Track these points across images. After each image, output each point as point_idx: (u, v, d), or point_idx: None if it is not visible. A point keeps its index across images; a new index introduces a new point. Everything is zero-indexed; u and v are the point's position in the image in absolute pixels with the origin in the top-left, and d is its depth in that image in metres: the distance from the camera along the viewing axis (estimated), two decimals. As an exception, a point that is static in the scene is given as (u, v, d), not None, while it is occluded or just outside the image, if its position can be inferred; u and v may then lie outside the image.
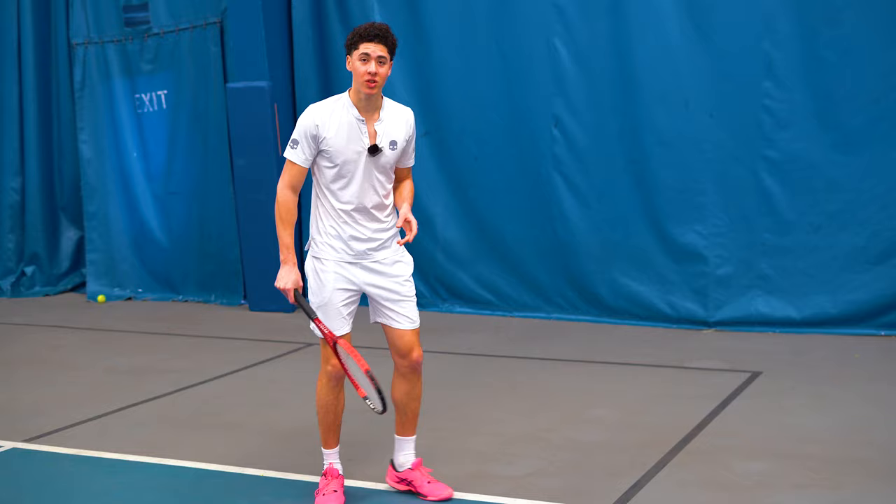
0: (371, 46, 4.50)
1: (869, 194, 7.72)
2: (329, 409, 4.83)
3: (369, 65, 4.49)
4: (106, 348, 8.48)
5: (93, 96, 10.66)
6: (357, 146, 4.59)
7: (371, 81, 4.50)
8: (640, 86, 8.26)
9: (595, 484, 4.97)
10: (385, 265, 4.71)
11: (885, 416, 5.90)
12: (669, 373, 7.03)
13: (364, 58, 4.50)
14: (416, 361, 4.79)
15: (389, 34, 4.53)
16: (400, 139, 4.66)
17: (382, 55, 4.51)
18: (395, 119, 4.67)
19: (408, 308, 4.74)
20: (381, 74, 4.51)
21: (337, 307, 4.70)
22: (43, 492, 5.18)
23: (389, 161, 4.66)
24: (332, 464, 4.89)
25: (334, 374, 4.75)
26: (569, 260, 8.69)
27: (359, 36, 4.52)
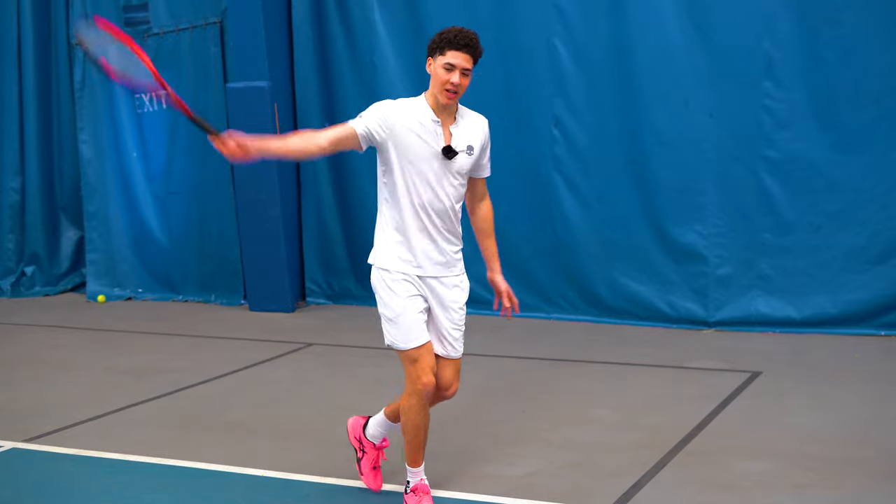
0: (458, 57, 4.35)
1: (869, 194, 7.72)
2: (420, 429, 4.54)
3: (453, 75, 4.35)
4: (106, 348, 8.48)
5: (93, 96, 10.66)
6: (430, 147, 4.41)
7: (452, 92, 4.37)
8: (640, 86, 8.26)
9: (595, 484, 4.97)
10: (444, 286, 4.54)
11: (885, 416, 5.90)
12: (669, 373, 7.03)
13: (449, 67, 4.36)
14: (447, 394, 4.64)
15: (479, 45, 4.38)
16: (476, 146, 4.50)
17: (467, 68, 4.37)
18: (471, 125, 4.52)
19: (456, 337, 4.57)
20: (462, 86, 4.38)
21: (414, 315, 4.45)
22: (43, 492, 5.18)
23: (464, 167, 4.48)
24: (423, 479, 4.67)
25: (426, 392, 4.46)
26: (569, 260, 8.69)
27: (447, 42, 4.36)
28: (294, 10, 9.57)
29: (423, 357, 4.45)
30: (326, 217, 9.74)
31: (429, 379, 4.45)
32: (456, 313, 4.57)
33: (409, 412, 4.52)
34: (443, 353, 4.58)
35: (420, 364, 4.44)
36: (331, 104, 9.57)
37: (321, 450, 5.63)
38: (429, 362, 4.46)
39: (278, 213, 9.48)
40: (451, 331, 4.57)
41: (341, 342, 8.29)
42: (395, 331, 4.47)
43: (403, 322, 4.44)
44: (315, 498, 4.95)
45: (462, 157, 4.48)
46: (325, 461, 5.42)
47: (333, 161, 9.65)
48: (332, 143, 4.45)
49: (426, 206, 4.44)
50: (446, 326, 4.55)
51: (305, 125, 9.68)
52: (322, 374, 7.44)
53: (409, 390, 4.49)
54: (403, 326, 4.45)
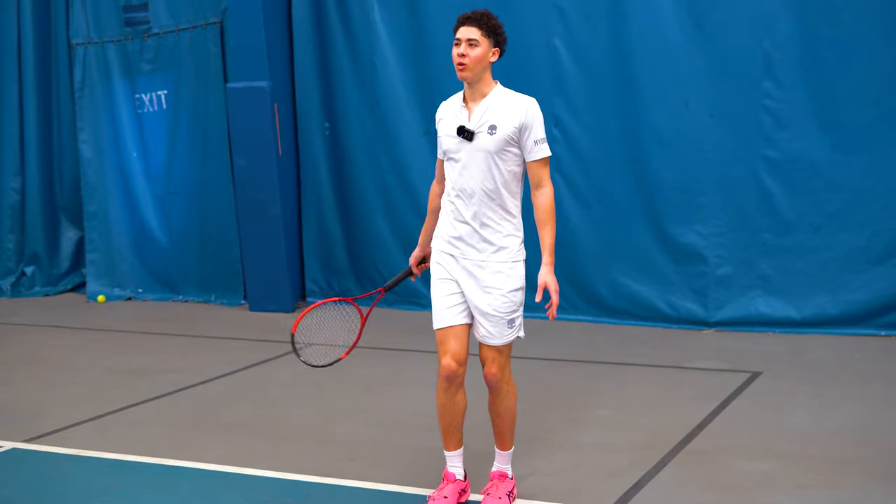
0: (463, 29, 4.46)
1: (869, 194, 7.72)
2: (445, 411, 4.64)
3: (460, 47, 4.44)
4: (106, 348, 8.49)
5: (93, 96, 10.66)
6: (453, 130, 4.53)
7: (460, 64, 4.44)
8: (640, 86, 8.26)
9: (595, 484, 4.97)
10: (485, 271, 4.52)
11: (885, 416, 5.90)
12: (669, 373, 7.03)
13: (457, 42, 4.47)
14: (486, 376, 4.63)
15: (486, 17, 4.45)
16: (504, 125, 4.43)
17: (473, 38, 4.42)
18: (503, 105, 4.48)
19: (494, 323, 4.52)
20: (470, 57, 4.41)
21: (442, 297, 4.56)
22: (43, 492, 5.18)
23: (490, 148, 4.44)
24: (448, 467, 4.73)
25: (446, 375, 4.56)
26: (569, 260, 8.69)
27: (457, 21, 4.50)
28: (294, 10, 9.57)
29: (446, 340, 4.56)
30: (326, 217, 9.73)
31: (448, 362, 4.54)
32: (497, 299, 4.51)
33: (437, 392, 4.67)
34: (478, 336, 4.61)
35: (443, 347, 4.56)
36: (331, 104, 9.57)
37: (321, 450, 5.63)
38: (452, 346, 4.54)
39: (278, 213, 9.48)
40: (487, 315, 4.52)
41: (341, 342, 8.28)
42: (433, 307, 4.63)
43: (434, 304, 4.60)
44: (315, 498, 4.95)
45: (483, 138, 4.45)
46: (325, 461, 5.42)
47: (333, 161, 9.66)
48: (440, 181, 4.78)
49: (460, 190, 4.52)
50: (483, 310, 4.52)
51: (305, 125, 9.71)
52: (322, 374, 7.42)
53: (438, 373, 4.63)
54: (435, 305, 4.60)
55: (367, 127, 9.34)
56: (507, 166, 4.50)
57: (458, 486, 4.73)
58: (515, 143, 4.48)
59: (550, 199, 4.59)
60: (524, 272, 4.61)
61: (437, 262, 4.63)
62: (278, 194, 9.45)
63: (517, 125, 4.46)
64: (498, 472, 4.77)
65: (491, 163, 4.46)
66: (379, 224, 9.26)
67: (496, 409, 4.69)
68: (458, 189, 4.52)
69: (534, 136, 4.49)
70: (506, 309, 4.53)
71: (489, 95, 4.51)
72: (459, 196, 4.52)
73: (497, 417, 4.71)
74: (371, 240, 9.44)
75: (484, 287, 4.51)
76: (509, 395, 4.68)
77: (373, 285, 9.59)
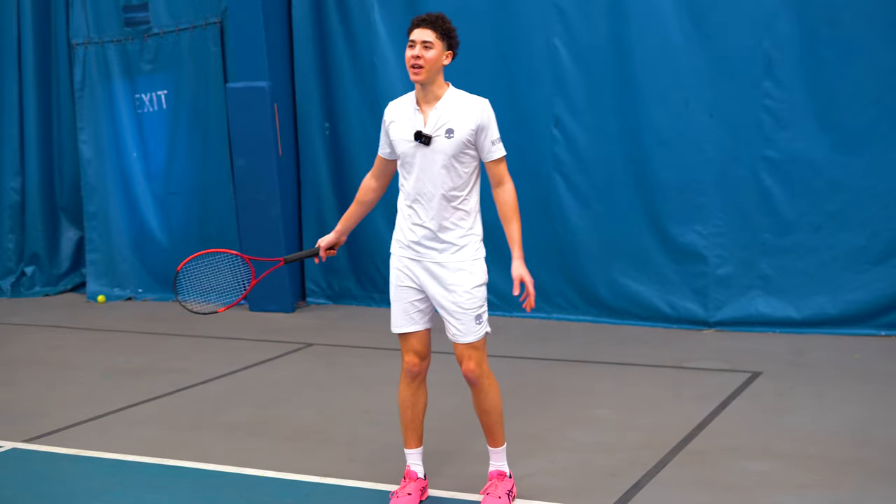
0: (417, 32, 4.46)
1: (869, 194, 7.72)
2: (407, 406, 4.75)
3: (414, 49, 4.44)
4: (106, 348, 8.48)
5: (93, 96, 10.66)
6: (407, 134, 4.53)
7: (415, 66, 4.43)
8: (640, 86, 8.26)
9: (595, 484, 4.97)
10: (447, 270, 4.55)
11: (885, 416, 5.90)
12: (669, 373, 7.03)
13: (411, 44, 4.47)
14: (465, 374, 4.64)
15: (440, 20, 4.47)
16: (461, 128, 4.46)
17: (428, 40, 4.43)
18: (458, 108, 4.48)
19: (461, 320, 4.55)
20: (426, 59, 4.42)
21: (402, 304, 4.63)
22: (43, 492, 5.18)
23: (447, 151, 4.47)
24: (410, 465, 4.80)
25: (409, 370, 4.69)
26: (569, 260, 8.69)
27: (411, 23, 4.51)
28: (294, 10, 9.57)
29: (408, 339, 4.68)
30: (326, 217, 9.73)
31: (410, 358, 4.68)
32: (461, 296, 4.54)
33: (399, 387, 4.79)
34: (449, 336, 4.63)
35: (405, 346, 4.69)
36: (331, 104, 9.57)
37: (321, 450, 5.63)
38: (413, 345, 4.67)
39: (278, 213, 9.48)
40: (453, 313, 4.55)
41: (341, 342, 8.29)
42: (392, 311, 4.71)
43: (394, 309, 4.68)
44: (315, 498, 4.95)
45: (441, 142, 4.47)
46: (325, 461, 5.42)
47: (333, 161, 9.66)
48: (378, 177, 4.80)
49: (417, 194, 4.54)
50: (450, 309, 4.55)
51: (305, 125, 9.71)
52: (322, 374, 7.44)
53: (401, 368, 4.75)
54: (393, 311, 4.69)
55: (367, 127, 9.33)
56: (465, 168, 4.54)
57: (420, 485, 4.77)
58: (472, 145, 4.52)
59: (513, 194, 4.64)
60: (486, 268, 4.67)
61: (396, 268, 4.65)
62: (278, 194, 9.44)
63: (473, 127, 4.48)
64: (497, 472, 4.76)
65: (449, 166, 4.49)
66: (378, 224, 9.25)
67: (481, 405, 4.71)
68: (415, 193, 4.54)
69: (490, 137, 4.54)
70: (471, 305, 4.57)
71: (443, 98, 4.51)
72: (417, 200, 4.55)
73: (483, 414, 4.72)
74: (371, 240, 9.44)
75: (448, 286, 4.55)
76: (492, 389, 4.70)
77: (373, 285, 9.60)
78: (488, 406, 4.69)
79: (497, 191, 4.64)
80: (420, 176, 4.51)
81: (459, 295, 4.54)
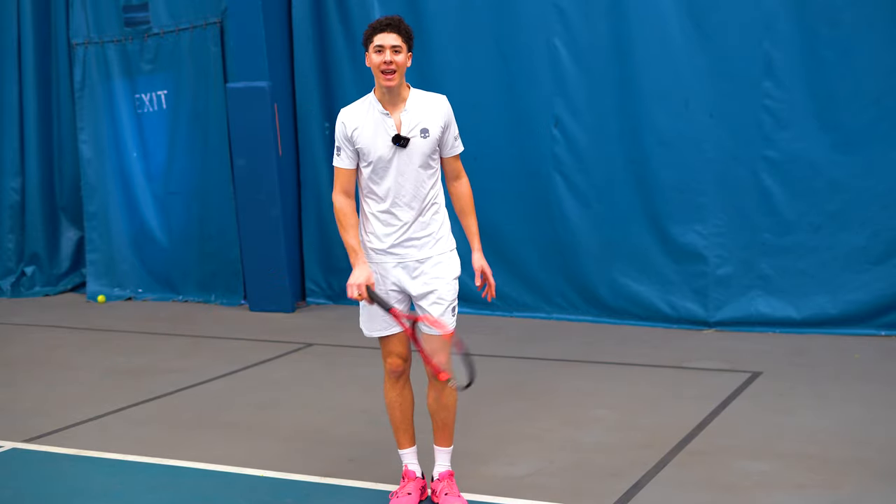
0: (383, 36, 4.46)
1: (869, 194, 7.72)
2: (394, 407, 4.78)
3: (384, 54, 4.44)
4: (106, 348, 8.48)
5: (93, 96, 10.66)
6: (385, 140, 4.52)
7: (388, 72, 4.44)
8: (640, 86, 8.26)
9: (595, 484, 4.97)
10: (425, 265, 4.60)
11: (885, 416, 5.90)
12: (669, 373, 7.03)
13: (378, 49, 4.46)
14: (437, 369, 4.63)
15: (402, 24, 4.50)
16: (433, 126, 4.54)
17: (396, 44, 4.45)
18: (425, 107, 4.56)
19: (438, 310, 4.58)
20: (397, 63, 4.45)
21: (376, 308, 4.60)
22: (43, 492, 5.18)
23: (424, 151, 4.54)
24: (408, 465, 4.81)
25: (392, 370, 4.72)
26: (569, 260, 8.69)
27: (371, 29, 4.50)
28: (294, 10, 9.56)
29: (389, 342, 4.69)
30: (326, 217, 9.73)
31: (392, 360, 4.70)
32: (441, 288, 4.59)
33: (385, 389, 4.81)
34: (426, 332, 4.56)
35: (386, 348, 4.71)
36: (331, 104, 9.57)
37: (321, 450, 5.63)
38: (395, 347, 4.68)
39: (278, 213, 9.48)
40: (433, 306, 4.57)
41: (341, 342, 8.28)
42: (363, 317, 4.71)
43: (367, 313, 4.67)
44: (315, 498, 4.95)
45: (418, 142, 4.52)
46: (325, 461, 5.42)
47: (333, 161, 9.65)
48: (350, 193, 4.64)
49: (395, 196, 4.55)
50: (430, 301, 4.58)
51: (305, 125, 9.71)
52: (322, 374, 7.44)
53: (384, 371, 4.78)
54: (367, 316, 4.69)
55: (367, 127, 9.33)
56: (435, 164, 4.63)
57: (419, 484, 4.78)
58: (439, 141, 4.60)
59: (469, 187, 4.76)
60: (459, 260, 4.72)
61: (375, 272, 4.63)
62: (278, 194, 9.44)
63: (442, 124, 4.58)
64: (448, 472, 4.78)
65: (425, 164, 4.57)
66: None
67: (444, 401, 4.70)
68: (393, 196, 4.55)
69: (453, 133, 4.66)
70: (450, 297, 4.62)
71: (409, 99, 4.56)
72: (395, 203, 4.55)
73: (444, 410, 4.72)
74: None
75: (429, 279, 4.59)
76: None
77: (373, 285, 9.58)
78: (451, 401, 4.73)
79: (455, 184, 4.73)
80: (398, 179, 4.53)
81: (441, 287, 4.59)
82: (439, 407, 4.72)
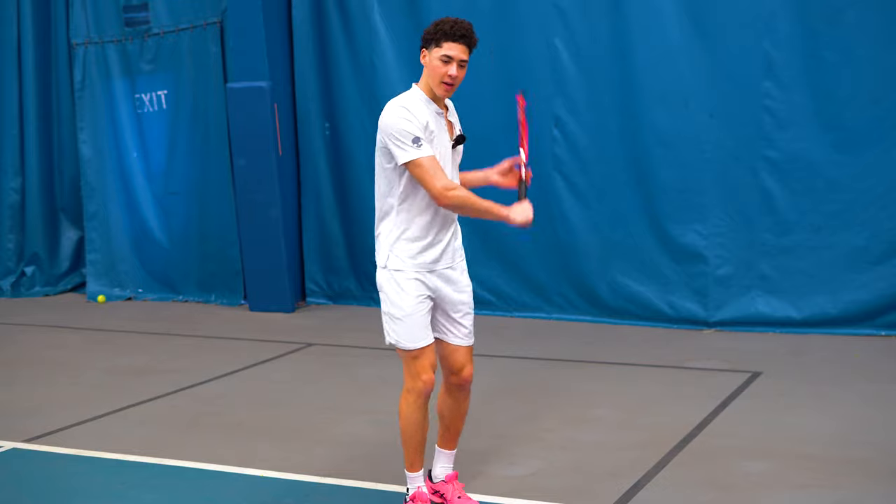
0: (456, 48, 4.27)
1: (869, 194, 7.72)
2: (418, 429, 4.46)
3: (451, 67, 4.27)
4: (106, 348, 8.48)
5: (93, 96, 10.66)
6: (445, 139, 4.39)
7: (449, 84, 4.31)
8: (640, 86, 8.26)
9: (595, 484, 4.97)
10: (454, 272, 4.50)
11: (885, 416, 5.90)
12: (669, 373, 7.03)
13: (446, 59, 4.27)
14: (465, 380, 4.56)
15: (474, 35, 4.32)
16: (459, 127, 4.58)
17: (465, 59, 4.30)
18: (453, 110, 4.59)
19: (469, 321, 4.54)
20: (459, 78, 4.32)
21: (422, 316, 4.39)
22: (43, 492, 5.18)
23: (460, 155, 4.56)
24: (421, 487, 4.57)
25: (427, 391, 4.42)
26: (569, 260, 8.69)
27: (443, 33, 4.27)
28: (294, 10, 9.56)
29: (425, 355, 4.40)
30: (326, 217, 9.73)
31: (429, 376, 4.40)
32: (469, 295, 4.57)
33: (406, 410, 4.45)
34: (455, 342, 4.52)
35: (422, 361, 4.38)
36: (331, 104, 9.57)
37: (321, 450, 5.63)
38: (431, 360, 4.41)
39: (278, 213, 9.48)
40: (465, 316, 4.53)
41: (341, 342, 8.29)
42: (402, 330, 4.38)
43: (412, 322, 4.37)
44: (315, 498, 4.95)
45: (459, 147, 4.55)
46: (325, 461, 5.42)
47: (333, 161, 9.65)
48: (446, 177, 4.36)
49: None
50: (461, 311, 4.51)
51: (305, 125, 9.71)
52: (322, 374, 7.44)
53: (409, 387, 4.43)
54: (411, 326, 4.37)
55: (367, 127, 9.32)
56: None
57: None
58: None
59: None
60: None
61: (416, 279, 4.39)
62: (278, 194, 9.44)
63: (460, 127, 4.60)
64: (455, 474, 4.74)
65: (457, 170, 4.55)
66: (379, 224, 9.25)
67: (461, 410, 4.63)
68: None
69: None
70: (472, 302, 4.61)
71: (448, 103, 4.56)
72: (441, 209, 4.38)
73: (460, 419, 4.66)
74: (371, 240, 9.38)
75: (461, 287, 4.53)
76: (468, 395, 4.68)
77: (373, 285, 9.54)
78: (466, 408, 4.67)
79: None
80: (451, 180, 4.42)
81: (468, 295, 4.56)
82: (456, 415, 4.64)
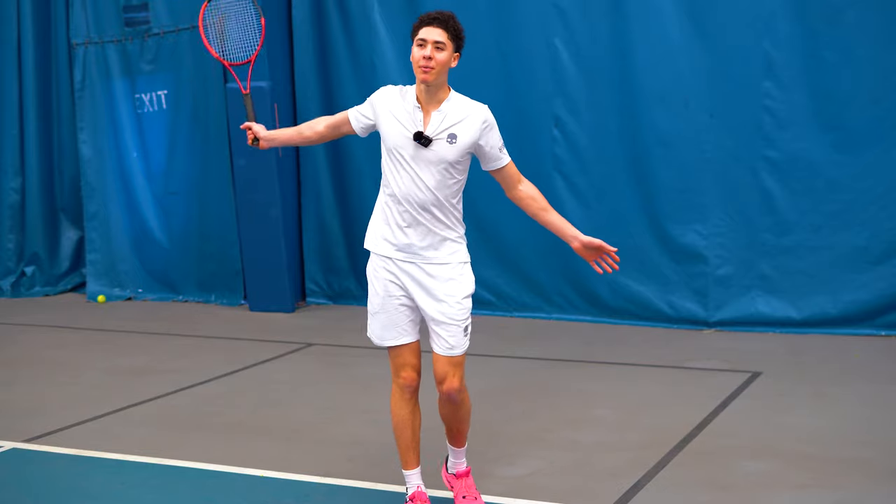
0: (428, 30, 4.22)
1: (869, 194, 7.72)
2: (406, 425, 4.47)
3: (425, 49, 4.20)
4: (106, 348, 8.48)
5: (93, 96, 10.65)
6: (405, 131, 4.29)
7: (426, 67, 4.19)
8: (640, 86, 8.26)
9: (595, 484, 4.97)
10: (437, 280, 4.35)
11: (885, 416, 5.90)
12: (669, 373, 7.03)
13: (421, 43, 4.22)
14: (447, 392, 4.45)
15: (452, 20, 4.24)
16: (464, 135, 4.28)
17: (440, 41, 4.20)
18: (460, 113, 4.30)
19: (450, 331, 4.36)
20: (437, 60, 4.19)
21: (391, 315, 4.40)
22: (43, 492, 5.18)
23: (449, 157, 4.28)
24: (420, 486, 4.54)
25: (407, 386, 4.43)
26: (569, 260, 8.67)
27: (419, 21, 4.27)
28: (294, 10, 9.56)
29: (403, 353, 4.44)
30: (326, 217, 9.73)
31: (408, 374, 4.44)
32: (451, 307, 4.36)
33: (394, 406, 4.51)
34: (435, 350, 4.45)
35: (399, 360, 4.44)
36: (331, 104, 9.57)
37: (321, 450, 5.63)
38: (408, 360, 4.44)
39: (278, 213, 9.48)
40: (444, 325, 4.37)
41: (341, 342, 8.29)
42: (374, 325, 4.49)
43: (380, 320, 4.44)
44: (315, 498, 4.95)
45: (441, 146, 4.28)
46: (325, 461, 5.42)
47: (333, 160, 9.66)
48: (329, 128, 4.65)
49: (406, 196, 4.32)
50: (437, 319, 4.36)
51: (305, 125, 9.71)
52: (322, 374, 7.44)
53: (393, 386, 4.51)
54: (379, 324, 4.45)
55: (367, 127, 9.33)
56: (460, 175, 4.37)
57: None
58: (472, 152, 4.37)
59: (533, 187, 4.51)
60: (473, 277, 4.50)
61: (382, 278, 4.40)
62: (278, 194, 9.44)
63: (475, 135, 4.31)
64: (467, 469, 4.71)
65: (445, 171, 4.30)
66: (379, 224, 9.25)
67: (458, 416, 4.57)
68: (405, 195, 4.31)
69: (495, 145, 4.38)
70: (461, 316, 4.40)
71: (446, 101, 4.32)
72: (409, 202, 4.31)
73: (459, 423, 4.60)
74: (371, 240, 9.42)
75: (439, 297, 4.36)
76: (466, 401, 4.57)
77: (373, 285, 9.59)
78: (464, 414, 4.59)
79: (518, 189, 4.47)
80: (413, 178, 4.30)
81: (450, 306, 4.36)
82: (454, 420, 4.59)
